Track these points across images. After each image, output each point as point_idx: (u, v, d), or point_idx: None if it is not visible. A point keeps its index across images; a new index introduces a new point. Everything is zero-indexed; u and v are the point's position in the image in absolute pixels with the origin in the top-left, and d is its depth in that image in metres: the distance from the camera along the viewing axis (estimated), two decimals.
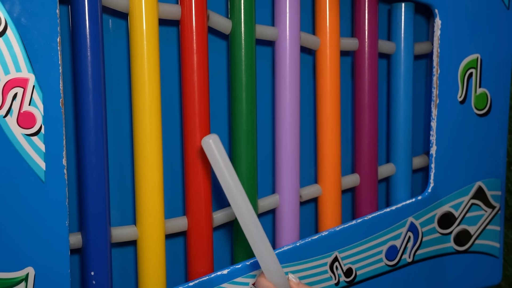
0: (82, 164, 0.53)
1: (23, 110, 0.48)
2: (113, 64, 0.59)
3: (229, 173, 0.48)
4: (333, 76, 0.65)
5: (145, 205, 0.56)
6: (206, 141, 0.48)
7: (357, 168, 0.71)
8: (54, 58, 0.49)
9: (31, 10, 0.48)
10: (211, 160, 0.48)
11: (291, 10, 0.62)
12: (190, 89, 0.57)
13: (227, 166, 0.48)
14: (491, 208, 0.73)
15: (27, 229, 0.49)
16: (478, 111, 0.71)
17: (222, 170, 0.47)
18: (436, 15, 0.67)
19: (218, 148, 0.47)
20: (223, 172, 0.48)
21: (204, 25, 0.57)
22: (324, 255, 0.64)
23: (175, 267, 0.64)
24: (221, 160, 0.47)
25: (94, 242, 0.54)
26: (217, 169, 0.48)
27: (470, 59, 0.69)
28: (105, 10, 0.56)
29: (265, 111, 0.67)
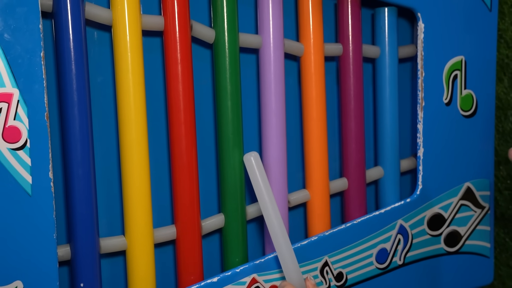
0: (69, 176, 0.54)
1: (8, 125, 0.48)
2: (98, 75, 0.59)
3: (266, 188, 0.55)
4: (318, 81, 0.66)
5: (133, 215, 0.56)
6: (247, 158, 0.55)
7: (345, 172, 0.71)
8: (38, 72, 0.49)
9: (14, 25, 0.48)
10: (250, 175, 0.55)
11: (274, 18, 0.62)
12: (175, 98, 0.58)
13: (264, 182, 0.55)
14: (480, 209, 0.74)
15: (15, 242, 0.49)
16: (464, 113, 0.71)
17: (259, 185, 0.55)
18: (419, 18, 0.67)
19: (258, 164, 0.55)
20: (260, 187, 0.55)
21: (188, 35, 0.58)
22: (314, 260, 0.64)
23: (165, 276, 0.64)
24: (259, 176, 0.55)
25: (83, 253, 0.54)
26: (255, 184, 0.55)
27: (454, 61, 0.70)
28: (89, 22, 0.56)
29: (251, 119, 0.68)
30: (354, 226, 0.66)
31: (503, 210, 0.88)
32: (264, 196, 0.55)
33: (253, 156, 0.54)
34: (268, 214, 0.55)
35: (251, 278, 0.60)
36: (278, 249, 0.55)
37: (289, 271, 0.55)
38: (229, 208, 0.62)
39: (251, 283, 0.60)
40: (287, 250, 0.55)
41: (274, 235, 0.55)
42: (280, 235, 0.55)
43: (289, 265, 0.55)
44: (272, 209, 0.55)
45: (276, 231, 0.55)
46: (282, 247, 0.55)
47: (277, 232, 0.55)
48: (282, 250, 0.55)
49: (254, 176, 0.55)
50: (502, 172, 0.87)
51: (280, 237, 0.55)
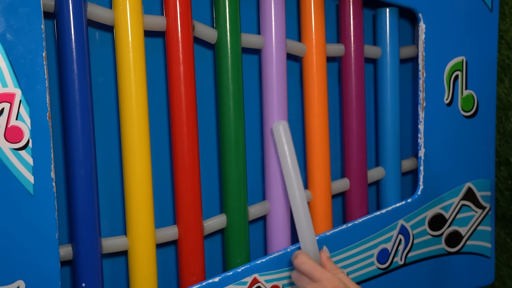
0: (71, 176, 0.53)
1: (10, 125, 0.48)
2: (100, 75, 0.59)
3: (291, 157, 0.54)
4: (320, 82, 0.66)
5: (135, 215, 0.56)
6: (276, 126, 0.54)
7: (347, 173, 0.71)
8: (40, 72, 0.49)
9: (16, 26, 0.48)
10: (277, 144, 0.54)
11: (277, 18, 0.62)
12: (178, 99, 0.58)
13: (291, 151, 0.54)
14: (481, 209, 0.74)
15: (17, 242, 0.49)
16: (465, 113, 0.71)
17: (285, 153, 0.54)
18: (420, 19, 0.67)
19: (286, 133, 0.54)
20: (285, 155, 0.54)
21: (190, 35, 0.58)
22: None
23: (166, 276, 0.64)
24: (286, 144, 0.54)
25: (85, 253, 0.54)
26: (281, 153, 0.54)
27: (455, 61, 0.70)
28: (91, 23, 0.56)
29: (253, 119, 0.68)
30: (355, 226, 0.66)
31: (504, 211, 0.88)
32: (289, 165, 0.54)
33: (282, 124, 0.54)
34: (291, 183, 0.54)
35: (252, 278, 0.60)
36: (297, 217, 0.55)
37: (305, 241, 0.55)
38: (231, 208, 0.62)
39: (252, 283, 0.60)
40: (305, 219, 0.55)
41: (295, 203, 0.55)
42: (300, 204, 0.54)
43: (305, 235, 0.55)
44: (295, 179, 0.54)
45: (297, 200, 0.54)
46: (301, 216, 0.55)
47: (297, 201, 0.54)
48: (300, 219, 0.55)
49: (280, 145, 0.54)
50: (503, 172, 0.87)
51: (300, 206, 0.54)
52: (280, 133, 0.54)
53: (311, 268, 0.53)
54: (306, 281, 0.54)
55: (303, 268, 0.53)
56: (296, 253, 0.55)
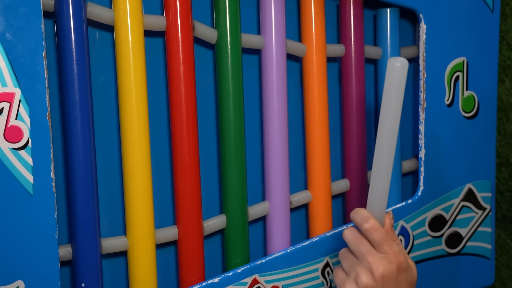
0: (71, 176, 0.53)
1: (9, 124, 0.48)
2: (100, 75, 0.59)
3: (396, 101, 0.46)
4: (320, 82, 0.66)
5: (135, 215, 0.56)
6: (392, 63, 0.46)
7: (347, 173, 0.71)
8: (40, 72, 0.49)
9: (16, 25, 0.48)
10: (387, 81, 0.46)
11: (277, 18, 0.62)
12: (178, 99, 0.58)
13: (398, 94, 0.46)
14: (481, 210, 0.74)
15: (16, 242, 0.49)
16: (466, 114, 0.71)
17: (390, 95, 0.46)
18: (421, 19, 0.67)
19: (402, 74, 0.46)
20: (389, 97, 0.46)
21: (190, 35, 0.58)
22: (316, 261, 0.64)
23: (166, 277, 0.64)
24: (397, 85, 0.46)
25: (84, 253, 0.54)
26: (387, 94, 0.46)
27: (456, 62, 0.70)
28: (91, 23, 0.56)
29: (253, 119, 0.67)
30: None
31: (504, 212, 0.88)
32: (390, 107, 0.46)
33: (400, 62, 0.45)
34: (385, 128, 0.47)
35: (252, 279, 0.60)
36: (377, 169, 0.48)
37: (376, 197, 0.48)
38: (231, 209, 0.62)
39: (252, 283, 0.60)
40: (385, 174, 0.48)
41: (380, 153, 0.48)
42: (386, 156, 0.47)
43: (379, 193, 0.48)
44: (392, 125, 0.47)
45: (384, 148, 0.47)
46: (382, 170, 0.48)
47: (384, 151, 0.47)
48: (380, 172, 0.48)
49: (390, 85, 0.46)
50: (503, 173, 0.87)
51: (385, 157, 0.47)
52: (394, 72, 0.45)
53: (382, 238, 0.45)
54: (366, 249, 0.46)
55: (374, 236, 0.46)
56: (365, 215, 0.47)
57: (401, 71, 0.45)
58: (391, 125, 0.47)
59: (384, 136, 0.47)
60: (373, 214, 0.48)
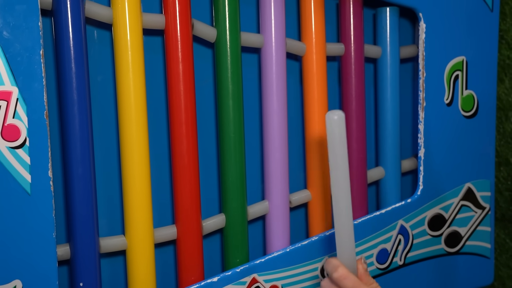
0: (69, 175, 0.53)
1: (7, 123, 0.48)
2: (98, 74, 0.59)
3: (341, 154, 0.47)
4: (320, 81, 0.66)
5: (134, 215, 0.56)
6: (330, 117, 0.47)
7: None
8: (38, 70, 0.49)
9: (13, 23, 0.48)
10: (328, 136, 0.47)
11: (276, 17, 0.62)
12: (177, 98, 0.57)
13: (342, 146, 0.47)
14: (481, 209, 0.74)
15: (14, 241, 0.49)
16: (465, 113, 0.71)
17: (334, 148, 0.47)
18: (420, 18, 0.67)
19: (340, 126, 0.47)
20: (335, 151, 0.47)
21: (189, 33, 0.57)
22: (315, 260, 0.64)
23: (165, 276, 0.64)
24: (338, 139, 0.47)
25: (83, 253, 0.54)
26: (331, 148, 0.47)
27: (455, 61, 0.69)
28: (89, 21, 0.56)
29: (252, 118, 0.67)
30: (355, 226, 0.66)
31: (503, 211, 0.88)
32: (337, 162, 0.47)
33: (336, 115, 0.47)
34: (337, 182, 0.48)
35: (251, 278, 0.60)
36: (338, 221, 0.49)
37: (343, 247, 0.49)
38: (230, 208, 0.62)
39: (251, 283, 0.60)
40: (347, 224, 0.49)
41: (338, 206, 0.49)
42: (344, 208, 0.48)
43: (345, 241, 0.49)
44: (343, 178, 0.48)
45: (341, 201, 0.48)
46: (343, 221, 0.49)
47: (341, 204, 0.48)
48: (341, 223, 0.49)
49: (332, 139, 0.47)
50: (502, 173, 0.87)
51: (343, 209, 0.48)
52: (333, 125, 0.47)
53: (352, 285, 0.47)
54: None
55: (344, 284, 0.48)
56: (334, 264, 0.49)
57: (339, 123, 0.47)
58: (342, 176, 0.48)
59: (338, 188, 0.48)
60: (344, 263, 0.50)
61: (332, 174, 0.48)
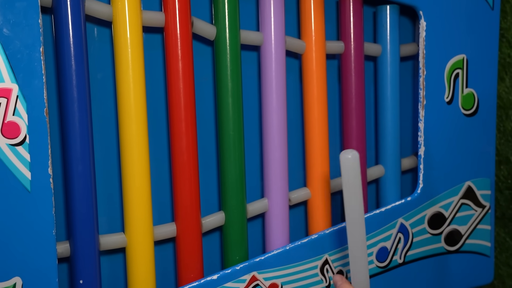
0: (69, 172, 0.53)
1: (7, 120, 0.48)
2: (98, 72, 0.59)
3: (356, 190, 0.50)
4: (319, 79, 0.66)
5: (133, 212, 0.56)
6: (345, 156, 0.49)
7: None
8: (38, 67, 0.49)
9: (13, 20, 0.48)
10: (343, 174, 0.50)
11: (276, 15, 0.62)
12: (176, 95, 0.57)
13: (356, 184, 0.50)
14: (481, 208, 0.74)
15: (14, 238, 0.49)
16: (466, 111, 0.71)
17: (349, 186, 0.50)
18: (421, 16, 0.67)
19: (354, 165, 0.50)
20: (349, 189, 0.50)
21: (189, 31, 0.57)
22: (315, 258, 0.64)
23: (164, 274, 0.64)
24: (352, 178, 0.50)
25: (82, 250, 0.54)
26: (346, 185, 0.50)
27: (456, 59, 0.69)
28: (89, 18, 0.56)
29: (252, 116, 0.67)
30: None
31: (503, 210, 0.88)
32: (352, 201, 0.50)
33: (351, 155, 0.49)
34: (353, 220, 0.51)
35: (251, 276, 0.60)
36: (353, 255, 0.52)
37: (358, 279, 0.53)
38: (229, 206, 0.62)
39: (251, 280, 0.60)
40: (362, 255, 0.53)
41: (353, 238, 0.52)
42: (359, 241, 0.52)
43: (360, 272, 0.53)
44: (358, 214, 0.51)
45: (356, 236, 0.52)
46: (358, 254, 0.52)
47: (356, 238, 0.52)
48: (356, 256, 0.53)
49: (347, 177, 0.50)
50: (503, 171, 0.87)
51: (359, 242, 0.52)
52: (347, 164, 0.49)
53: None
54: None
55: None
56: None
57: (354, 162, 0.49)
58: (357, 213, 0.51)
59: (353, 224, 0.51)
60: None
61: (347, 211, 0.51)
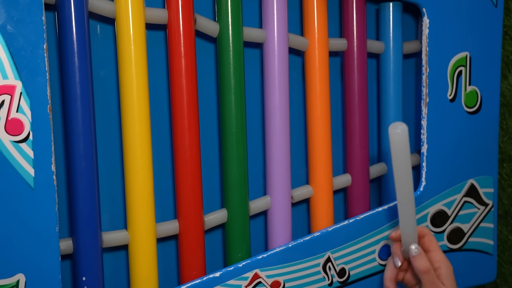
0: (72, 169, 0.53)
1: (10, 117, 0.48)
2: (101, 69, 0.59)
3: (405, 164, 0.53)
4: (322, 77, 0.66)
5: (136, 209, 0.56)
6: (394, 129, 0.51)
7: (349, 168, 0.71)
8: (41, 64, 0.49)
9: (17, 17, 0.48)
10: (392, 146, 0.52)
11: (279, 12, 0.62)
12: (179, 92, 0.57)
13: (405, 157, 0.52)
14: (484, 206, 0.73)
15: (17, 235, 0.49)
16: (469, 109, 0.71)
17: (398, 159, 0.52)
18: (424, 14, 0.67)
19: (404, 138, 0.51)
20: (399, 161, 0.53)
21: (192, 28, 0.57)
22: (317, 256, 0.64)
23: (167, 271, 0.64)
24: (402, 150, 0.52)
25: (85, 247, 0.54)
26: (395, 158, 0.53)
27: (459, 57, 0.69)
28: (92, 15, 0.56)
29: (254, 113, 0.67)
30: (357, 222, 0.66)
31: (506, 208, 0.88)
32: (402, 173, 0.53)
33: (400, 129, 0.51)
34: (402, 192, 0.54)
35: (253, 273, 0.60)
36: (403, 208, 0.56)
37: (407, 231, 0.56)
38: (232, 203, 0.62)
39: (253, 278, 0.60)
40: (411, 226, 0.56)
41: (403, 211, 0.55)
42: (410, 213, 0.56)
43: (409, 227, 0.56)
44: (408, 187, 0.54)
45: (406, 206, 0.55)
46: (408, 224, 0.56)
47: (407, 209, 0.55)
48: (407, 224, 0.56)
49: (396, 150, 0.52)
50: (505, 169, 0.87)
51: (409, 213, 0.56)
52: (396, 138, 0.51)
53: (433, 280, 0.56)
54: None
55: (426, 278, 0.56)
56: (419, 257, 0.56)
57: (402, 135, 0.51)
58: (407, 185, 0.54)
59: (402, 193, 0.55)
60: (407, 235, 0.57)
61: (397, 184, 0.54)
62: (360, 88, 0.69)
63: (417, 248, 0.57)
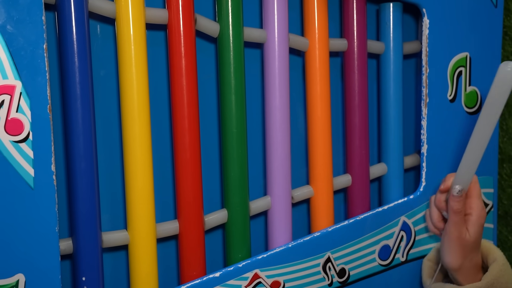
0: (72, 169, 0.53)
1: (10, 117, 0.48)
2: (101, 69, 0.59)
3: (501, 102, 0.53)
4: (322, 77, 0.66)
5: (136, 209, 0.56)
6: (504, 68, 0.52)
7: (349, 169, 0.71)
8: (41, 64, 0.49)
9: (17, 17, 0.48)
10: (495, 82, 0.53)
11: (279, 12, 0.62)
12: (179, 93, 0.57)
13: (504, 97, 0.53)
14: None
15: (17, 235, 0.49)
16: (469, 109, 0.71)
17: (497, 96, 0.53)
18: (424, 14, 0.67)
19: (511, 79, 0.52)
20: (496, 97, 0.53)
21: (192, 28, 0.57)
22: (317, 256, 0.64)
23: (167, 271, 0.64)
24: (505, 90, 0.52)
25: (85, 247, 0.54)
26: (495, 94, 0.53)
27: (459, 57, 0.69)
28: (92, 15, 0.56)
29: (255, 114, 0.67)
30: (357, 223, 0.66)
31: (506, 208, 0.88)
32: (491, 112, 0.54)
33: (510, 68, 0.52)
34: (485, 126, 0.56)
35: (253, 274, 0.60)
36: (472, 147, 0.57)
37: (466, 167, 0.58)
38: (232, 203, 0.62)
39: (253, 278, 0.60)
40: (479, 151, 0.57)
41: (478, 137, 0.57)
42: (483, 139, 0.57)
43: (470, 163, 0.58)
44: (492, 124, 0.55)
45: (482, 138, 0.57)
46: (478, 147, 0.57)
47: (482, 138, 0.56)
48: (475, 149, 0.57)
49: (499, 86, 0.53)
50: (505, 170, 0.87)
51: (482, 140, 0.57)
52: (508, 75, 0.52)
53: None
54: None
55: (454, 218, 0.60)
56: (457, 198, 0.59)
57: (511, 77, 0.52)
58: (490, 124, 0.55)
59: (482, 132, 0.56)
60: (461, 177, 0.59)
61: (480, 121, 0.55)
62: (360, 88, 0.69)
63: (460, 191, 0.59)
